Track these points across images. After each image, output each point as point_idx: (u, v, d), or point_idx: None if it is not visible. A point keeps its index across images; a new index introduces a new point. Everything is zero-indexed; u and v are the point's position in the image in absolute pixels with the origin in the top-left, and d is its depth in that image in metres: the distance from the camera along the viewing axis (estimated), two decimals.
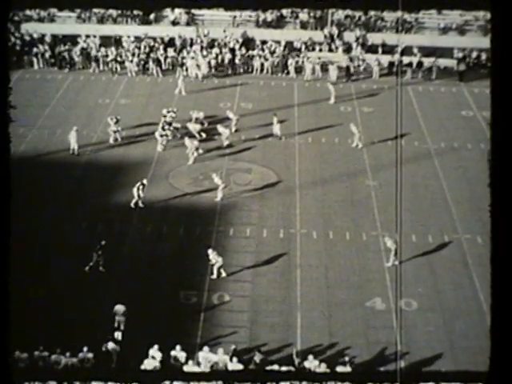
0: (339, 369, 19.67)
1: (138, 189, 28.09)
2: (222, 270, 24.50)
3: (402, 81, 41.18)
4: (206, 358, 20.10)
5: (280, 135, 34.21)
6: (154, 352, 20.14)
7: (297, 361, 20.06)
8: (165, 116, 33.92)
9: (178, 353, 20.21)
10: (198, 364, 20.05)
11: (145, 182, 28.55)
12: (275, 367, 19.64)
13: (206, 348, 20.38)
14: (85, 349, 20.16)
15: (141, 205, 28.23)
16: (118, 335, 21.15)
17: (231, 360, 19.87)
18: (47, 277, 24.25)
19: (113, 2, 14.01)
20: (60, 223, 27.32)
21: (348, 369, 19.73)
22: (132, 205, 28.20)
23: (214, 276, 24.42)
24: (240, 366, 19.77)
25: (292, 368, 19.76)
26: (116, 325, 21.71)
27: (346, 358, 20.30)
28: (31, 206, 27.73)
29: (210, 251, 24.61)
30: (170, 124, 33.48)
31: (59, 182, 30.43)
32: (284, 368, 19.58)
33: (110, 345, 20.59)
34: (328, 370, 19.35)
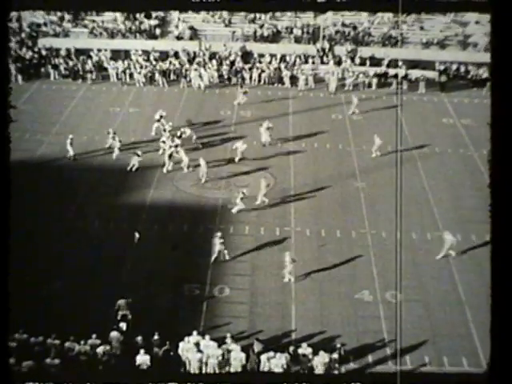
0: (330, 355, 19.75)
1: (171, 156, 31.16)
2: (225, 252, 24.93)
3: (388, 91, 41.26)
4: (208, 345, 20.14)
5: (264, 142, 34.04)
6: (194, 338, 20.21)
7: (256, 350, 20.03)
8: (159, 120, 34.45)
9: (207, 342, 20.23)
10: (200, 351, 20.07)
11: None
12: (271, 354, 19.69)
13: (207, 336, 20.42)
14: (93, 336, 20.18)
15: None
16: (123, 326, 21.11)
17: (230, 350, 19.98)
18: (48, 274, 24.06)
19: (111, 4, 13.81)
20: (71, 222, 27.31)
21: (337, 356, 19.82)
22: (165, 170, 30.83)
23: (215, 255, 24.80)
24: (242, 354, 19.86)
25: (288, 355, 19.77)
26: (119, 318, 21.57)
27: (338, 345, 20.38)
28: (41, 206, 27.69)
29: (218, 234, 25.19)
30: (164, 130, 33.55)
31: (72, 183, 30.41)
32: (280, 355, 19.60)
33: (114, 334, 20.49)
34: (326, 372, 19.24)
